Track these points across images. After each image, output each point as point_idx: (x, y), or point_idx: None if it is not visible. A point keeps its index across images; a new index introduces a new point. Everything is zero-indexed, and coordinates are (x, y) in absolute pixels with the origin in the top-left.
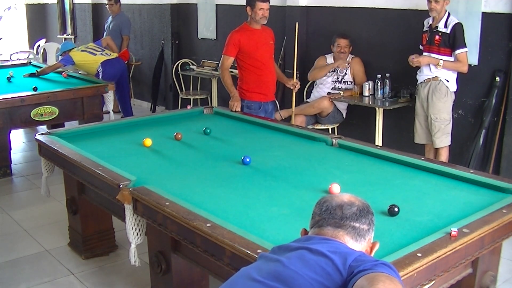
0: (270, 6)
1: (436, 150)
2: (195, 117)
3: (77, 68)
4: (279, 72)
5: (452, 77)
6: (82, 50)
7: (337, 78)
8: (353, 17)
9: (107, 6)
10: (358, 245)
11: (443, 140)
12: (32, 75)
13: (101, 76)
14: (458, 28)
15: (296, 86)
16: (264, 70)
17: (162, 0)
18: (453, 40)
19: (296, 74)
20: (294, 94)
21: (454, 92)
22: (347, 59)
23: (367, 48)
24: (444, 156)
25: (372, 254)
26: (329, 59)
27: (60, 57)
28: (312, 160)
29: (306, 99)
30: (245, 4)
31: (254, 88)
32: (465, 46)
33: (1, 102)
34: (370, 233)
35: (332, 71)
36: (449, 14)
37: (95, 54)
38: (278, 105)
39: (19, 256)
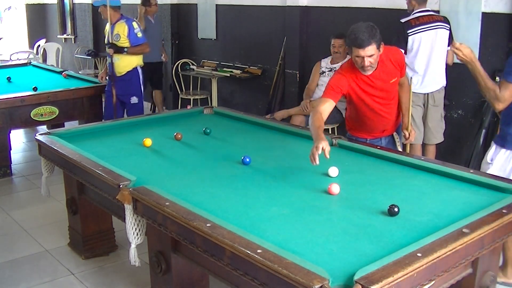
0: (270, 6)
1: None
2: (195, 117)
3: (126, 53)
4: (403, 107)
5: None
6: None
7: None
8: (353, 17)
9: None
10: None
11: None
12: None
13: (141, 79)
14: None
15: (409, 138)
16: (372, 115)
17: (162, 0)
18: None
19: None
20: (408, 146)
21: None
22: (345, 59)
23: None
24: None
25: None
26: (324, 63)
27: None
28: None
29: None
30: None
31: (356, 126)
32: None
33: (1, 102)
34: None
35: (329, 71)
36: None
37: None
38: (398, 138)
39: (19, 256)
